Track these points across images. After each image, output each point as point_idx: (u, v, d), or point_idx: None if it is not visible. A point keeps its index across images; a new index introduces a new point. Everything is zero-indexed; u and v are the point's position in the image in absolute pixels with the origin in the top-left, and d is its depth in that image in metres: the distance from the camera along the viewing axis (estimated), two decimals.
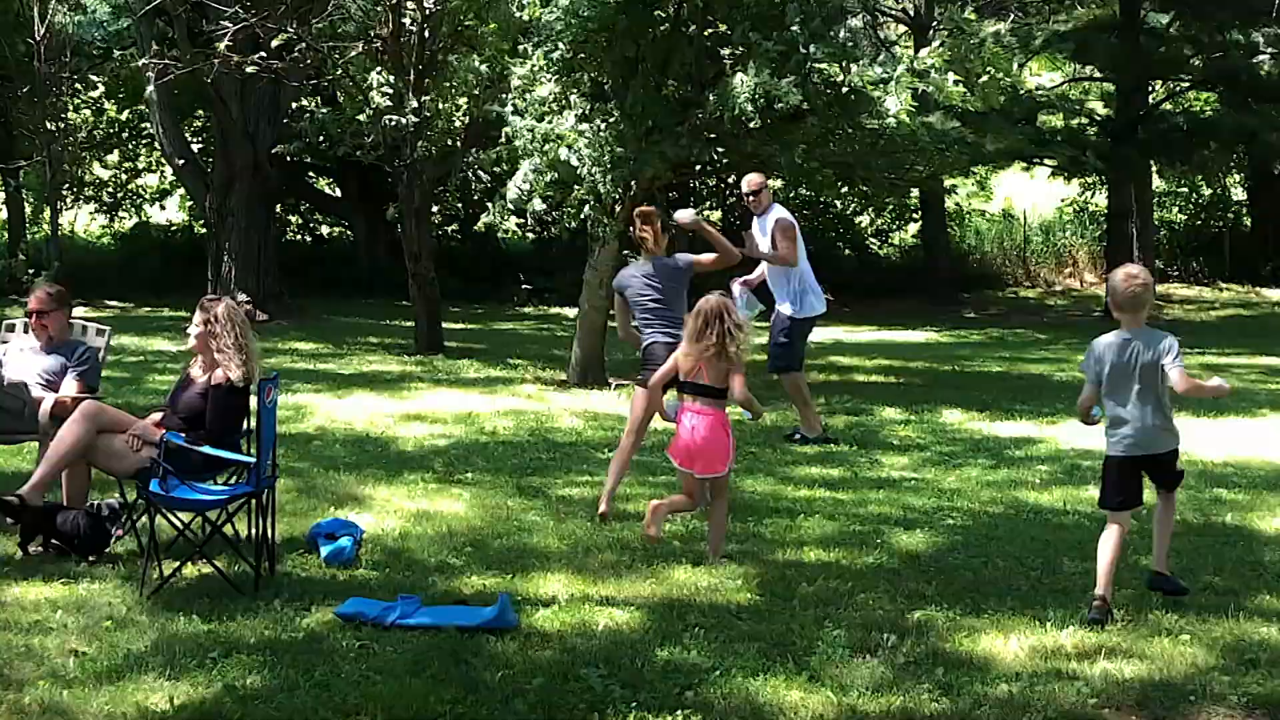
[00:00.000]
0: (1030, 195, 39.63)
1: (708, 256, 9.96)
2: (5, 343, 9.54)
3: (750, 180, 12.99)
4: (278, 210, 29.47)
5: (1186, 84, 33.29)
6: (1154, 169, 34.85)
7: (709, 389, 8.14)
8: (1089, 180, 36.11)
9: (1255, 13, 28.72)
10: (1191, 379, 7.10)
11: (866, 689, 5.94)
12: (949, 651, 6.44)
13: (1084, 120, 33.16)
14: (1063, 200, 39.51)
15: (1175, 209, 39.49)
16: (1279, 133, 28.87)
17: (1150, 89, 32.85)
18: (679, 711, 5.65)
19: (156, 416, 8.22)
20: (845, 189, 21.61)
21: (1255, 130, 28.72)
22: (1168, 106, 33.59)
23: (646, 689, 5.91)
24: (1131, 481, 7.27)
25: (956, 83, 14.29)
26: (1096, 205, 37.69)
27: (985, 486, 10.47)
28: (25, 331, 9.48)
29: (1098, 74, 33.97)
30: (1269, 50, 30.89)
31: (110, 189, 34.04)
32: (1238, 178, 39.22)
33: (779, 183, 32.51)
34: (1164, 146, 31.05)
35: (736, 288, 12.94)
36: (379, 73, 18.09)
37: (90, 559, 7.70)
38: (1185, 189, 39.44)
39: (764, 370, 13.09)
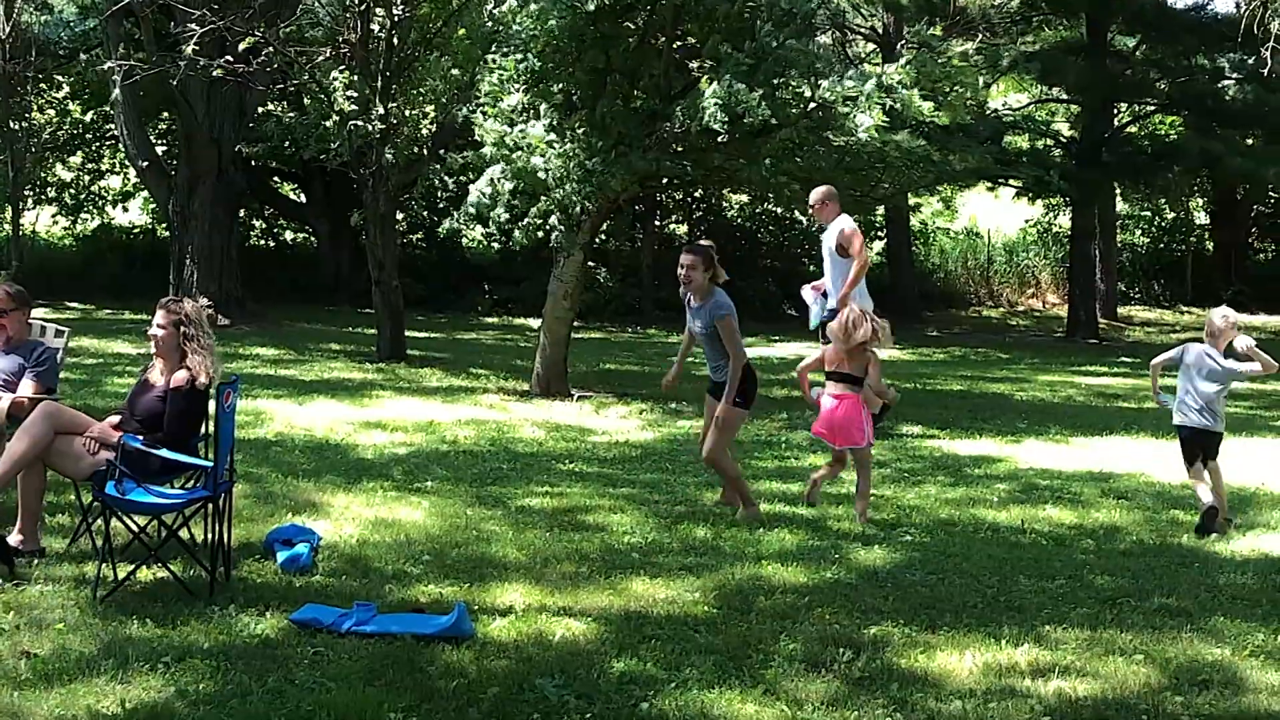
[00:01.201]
0: (995, 215, 39.84)
1: None
2: None
3: (820, 192, 13.71)
4: (241, 214, 29.35)
5: (1152, 107, 33.51)
6: (1118, 191, 35.08)
7: (850, 376, 9.95)
8: (1053, 201, 36.31)
9: (1221, 38, 28.98)
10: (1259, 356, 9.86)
11: (821, 704, 5.94)
12: (904, 667, 6.44)
13: (1049, 141, 33.35)
14: (1027, 221, 39.73)
15: (1138, 232, 39.76)
16: (1242, 157, 29.08)
17: (1116, 111, 33.04)
18: None
19: (114, 419, 8.16)
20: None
21: (1219, 155, 28.92)
22: (1133, 129, 33.79)
23: (602, 700, 5.90)
24: (1191, 446, 9.95)
25: (924, 98, 14.35)
26: (1060, 226, 37.90)
27: (944, 504, 10.49)
28: None
29: (1064, 95, 34.16)
30: (1234, 75, 31.14)
31: (73, 190, 33.84)
32: (1201, 202, 39.50)
33: (745, 197, 32.71)
34: (1128, 169, 31.25)
35: (809, 294, 13.82)
36: (341, 71, 18.02)
37: None
38: (1148, 212, 39.71)
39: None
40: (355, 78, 18.04)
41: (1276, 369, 9.98)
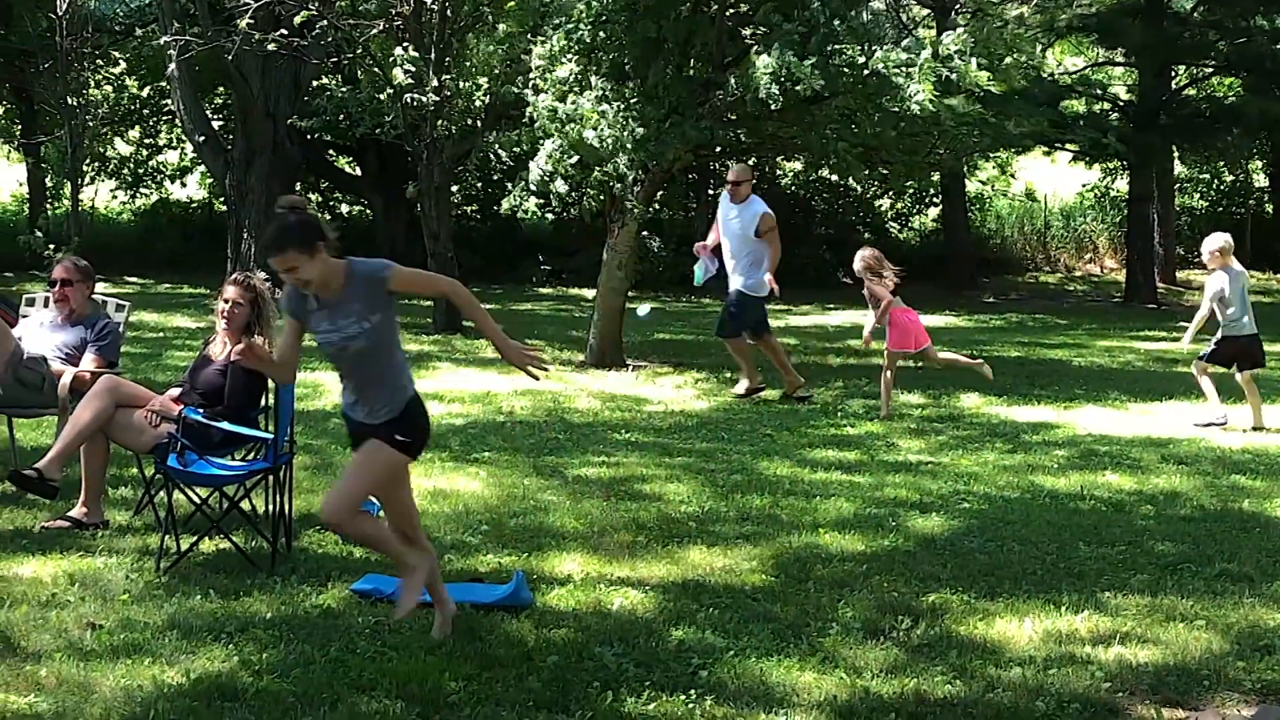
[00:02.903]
0: (1051, 180, 39.46)
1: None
2: (25, 317, 9.58)
3: (742, 170, 14.15)
4: (297, 188, 29.45)
5: (1210, 69, 33.09)
6: (1176, 154, 34.69)
7: None
8: (1110, 165, 35.94)
9: None
10: None
11: (880, 671, 5.95)
12: (963, 635, 6.44)
13: (1106, 105, 33.02)
14: (1084, 185, 39.32)
15: (1197, 195, 39.27)
16: None
17: (1174, 74, 32.68)
18: (692, 691, 5.66)
19: (175, 392, 8.24)
20: (868, 171, 21.51)
21: (1278, 116, 28.55)
22: (1191, 92, 33.42)
23: (660, 668, 5.92)
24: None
25: (981, 67, 14.24)
26: (1118, 190, 37.49)
27: (1002, 471, 10.45)
28: (45, 306, 9.52)
29: (1121, 59, 33.81)
30: None
31: (131, 165, 34.05)
32: (1260, 164, 38.98)
33: (799, 165, 32.53)
34: (1186, 132, 30.91)
35: (705, 258, 14.14)
36: (405, 48, 18.06)
37: None
38: (1207, 175, 39.21)
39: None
40: (412, 52, 18.03)
41: None
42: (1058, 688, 5.80)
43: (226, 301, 8.18)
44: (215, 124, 28.31)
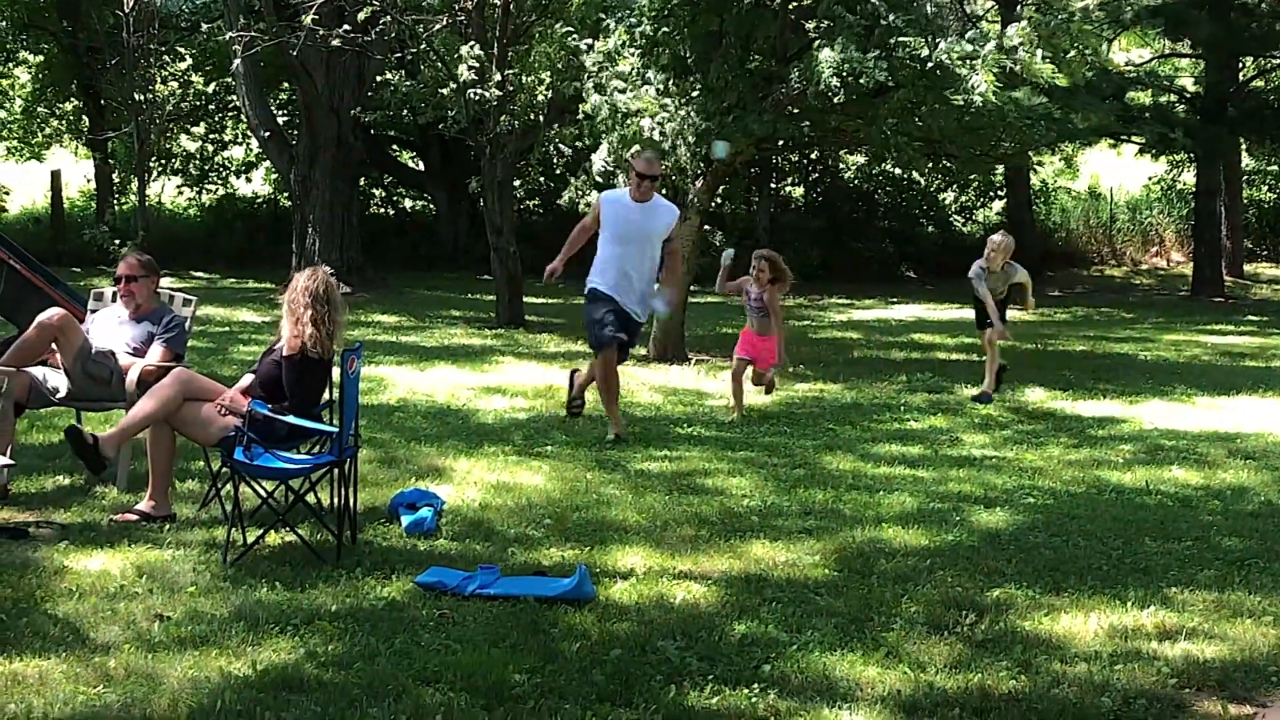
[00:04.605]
0: (1117, 173, 39.14)
1: None
2: (94, 312, 9.68)
3: (654, 163, 11.48)
4: (361, 183, 29.64)
5: (1278, 61, 32.73)
6: (1243, 147, 34.34)
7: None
8: (1177, 158, 35.59)
9: None
10: None
11: (944, 666, 5.92)
12: (1027, 630, 6.40)
13: (1173, 97, 32.72)
14: (1150, 178, 38.98)
15: (1265, 187, 38.84)
16: None
17: (1241, 65, 32.35)
18: (755, 685, 5.66)
19: (245, 383, 8.29)
20: (931, 164, 21.37)
21: None
22: (1259, 83, 33.06)
23: (723, 662, 5.92)
24: None
25: (1045, 58, 14.14)
26: (1184, 183, 37.14)
27: (1067, 466, 10.39)
28: (114, 301, 9.61)
29: (1188, 50, 33.48)
30: None
31: (196, 161, 34.35)
32: None
33: (861, 158, 32.42)
34: (1254, 124, 30.59)
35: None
36: (471, 46, 18.13)
37: None
38: (1275, 167, 38.77)
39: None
40: (476, 48, 18.08)
41: None
42: (1123, 684, 5.76)
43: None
44: (280, 119, 28.54)
